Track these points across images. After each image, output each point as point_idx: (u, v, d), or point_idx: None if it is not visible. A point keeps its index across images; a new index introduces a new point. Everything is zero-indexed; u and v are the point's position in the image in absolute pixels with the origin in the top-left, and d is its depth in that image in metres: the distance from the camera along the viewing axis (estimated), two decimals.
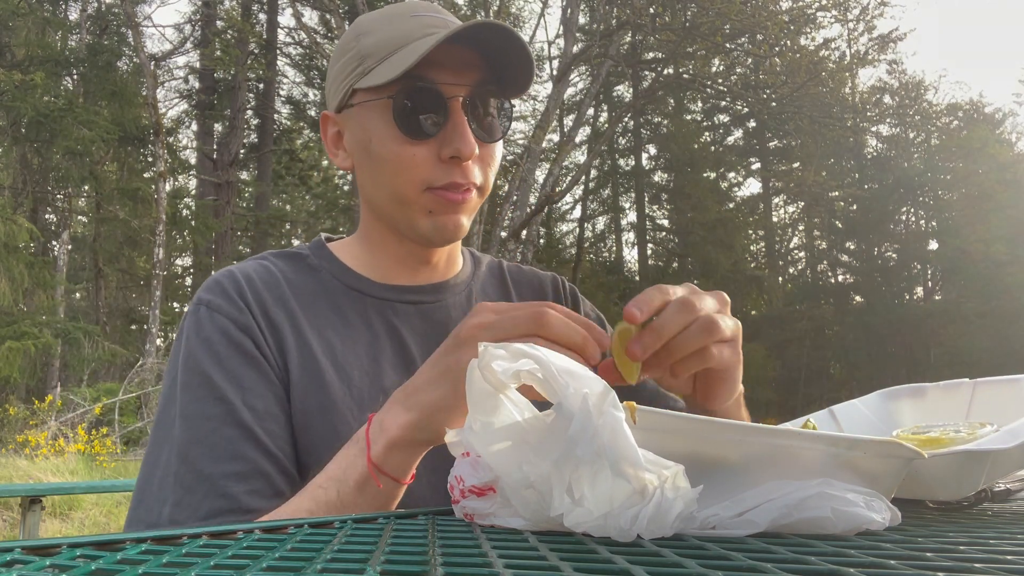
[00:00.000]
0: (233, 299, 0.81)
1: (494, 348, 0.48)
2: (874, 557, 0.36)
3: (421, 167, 0.79)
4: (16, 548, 0.37)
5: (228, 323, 0.79)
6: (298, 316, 0.83)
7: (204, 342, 0.78)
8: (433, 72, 0.78)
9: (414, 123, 0.79)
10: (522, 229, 11.44)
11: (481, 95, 0.81)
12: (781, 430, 0.47)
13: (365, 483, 0.66)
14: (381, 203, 0.85)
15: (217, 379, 0.76)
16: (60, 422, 9.01)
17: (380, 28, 0.82)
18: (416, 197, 0.81)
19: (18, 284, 10.54)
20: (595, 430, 0.41)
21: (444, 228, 0.82)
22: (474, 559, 0.36)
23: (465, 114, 0.79)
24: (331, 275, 0.87)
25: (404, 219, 0.83)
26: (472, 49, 0.80)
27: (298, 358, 0.80)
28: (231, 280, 0.83)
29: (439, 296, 0.90)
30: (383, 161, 0.81)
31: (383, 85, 0.78)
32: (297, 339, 0.81)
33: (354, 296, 0.86)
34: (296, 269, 0.87)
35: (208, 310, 0.80)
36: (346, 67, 0.83)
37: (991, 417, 0.70)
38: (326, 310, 0.84)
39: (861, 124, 16.07)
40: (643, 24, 11.86)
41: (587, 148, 19.47)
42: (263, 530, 0.47)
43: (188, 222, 15.67)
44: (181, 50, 16.82)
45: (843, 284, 22.77)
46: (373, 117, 0.81)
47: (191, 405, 0.77)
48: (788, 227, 23.81)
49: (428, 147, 0.79)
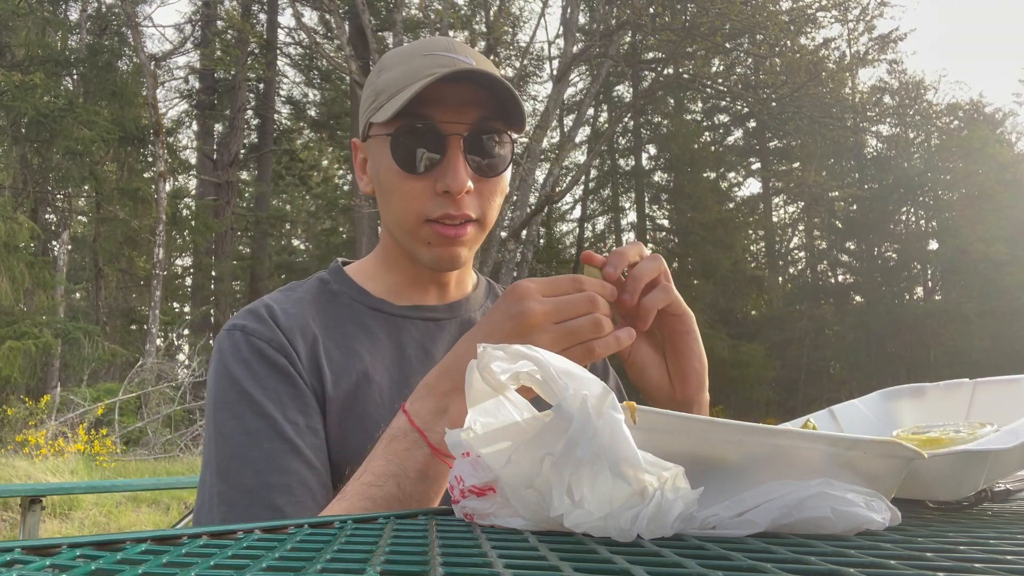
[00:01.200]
0: (266, 321, 0.85)
1: (493, 349, 0.48)
2: (874, 557, 0.36)
3: (418, 199, 0.84)
4: (16, 548, 0.37)
5: (263, 344, 0.83)
6: (327, 336, 0.86)
7: (242, 362, 0.81)
8: (432, 110, 0.82)
9: (411, 159, 0.83)
10: (522, 229, 11.45)
11: (480, 132, 0.84)
12: (781, 430, 0.47)
13: (427, 470, 0.68)
14: (391, 229, 0.90)
15: (257, 396, 0.79)
16: (60, 422, 9.02)
17: (396, 65, 0.87)
18: (416, 228, 0.85)
19: (18, 284, 10.55)
20: (594, 431, 0.41)
21: (441, 259, 0.87)
22: (474, 559, 0.36)
23: (462, 150, 0.83)
24: (351, 298, 0.92)
25: (408, 246, 0.88)
26: (475, 85, 0.83)
27: (331, 375, 0.84)
28: (263, 306, 0.87)
29: (454, 313, 0.95)
30: (387, 191, 0.86)
31: (388, 121, 0.83)
32: (328, 358, 0.85)
33: (377, 315, 0.91)
34: (319, 293, 0.92)
35: (243, 333, 0.83)
36: (366, 100, 0.89)
37: (991, 417, 0.70)
38: (353, 328, 0.88)
39: (861, 124, 16.07)
40: (643, 24, 11.86)
41: (587, 148, 19.47)
42: (263, 530, 0.47)
43: (188, 222, 15.67)
44: (181, 50, 16.85)
45: (843, 284, 22.77)
46: (381, 149, 0.86)
47: (228, 423, 0.79)
48: (788, 227, 23.82)
49: (425, 181, 0.84)
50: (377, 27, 14.42)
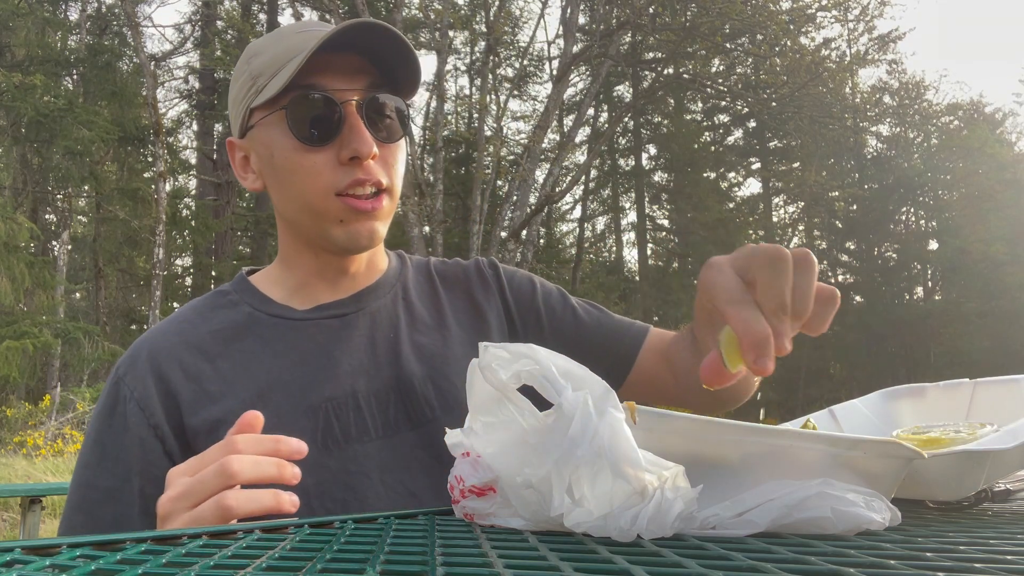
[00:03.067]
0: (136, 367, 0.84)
1: (495, 348, 0.48)
2: (874, 557, 0.36)
3: (323, 172, 0.80)
4: (16, 548, 0.37)
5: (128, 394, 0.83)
6: (215, 361, 0.83)
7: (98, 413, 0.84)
8: (324, 79, 0.79)
9: (310, 131, 0.80)
10: (522, 229, 11.44)
11: (374, 97, 0.81)
12: (781, 430, 0.47)
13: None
14: (294, 216, 0.85)
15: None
16: (60, 422, 9.01)
17: (269, 47, 0.84)
18: (326, 205, 0.81)
19: (18, 284, 10.54)
20: (595, 431, 0.41)
21: (359, 235, 0.82)
22: (474, 559, 0.36)
23: (360, 116, 0.80)
24: (252, 307, 0.88)
25: (317, 229, 0.83)
26: (360, 55, 0.81)
27: (205, 402, 0.81)
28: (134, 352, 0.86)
29: (361, 304, 0.90)
30: (287, 172, 0.81)
31: (275, 97, 0.79)
32: (204, 384, 0.82)
33: (277, 322, 0.87)
34: (215, 308, 0.89)
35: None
36: (241, 90, 0.85)
37: (991, 417, 0.70)
38: (251, 343, 0.85)
39: (861, 124, 16.06)
40: (643, 24, 11.86)
41: (587, 148, 19.45)
42: (263, 530, 0.47)
43: (188, 222, 15.66)
44: (181, 50, 16.83)
45: (843, 284, 22.73)
46: (272, 131, 0.82)
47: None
48: (788, 227, 23.79)
49: (327, 152, 0.80)
50: None
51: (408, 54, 0.81)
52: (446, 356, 0.88)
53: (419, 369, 0.86)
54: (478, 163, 12.09)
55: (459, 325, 0.93)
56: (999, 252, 17.57)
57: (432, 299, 0.95)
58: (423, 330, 0.90)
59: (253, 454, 0.61)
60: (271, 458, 0.62)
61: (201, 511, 0.59)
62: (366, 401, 0.83)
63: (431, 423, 0.84)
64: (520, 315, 0.97)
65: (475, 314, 0.95)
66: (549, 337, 0.96)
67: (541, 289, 1.00)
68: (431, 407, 0.84)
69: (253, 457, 0.61)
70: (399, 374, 0.85)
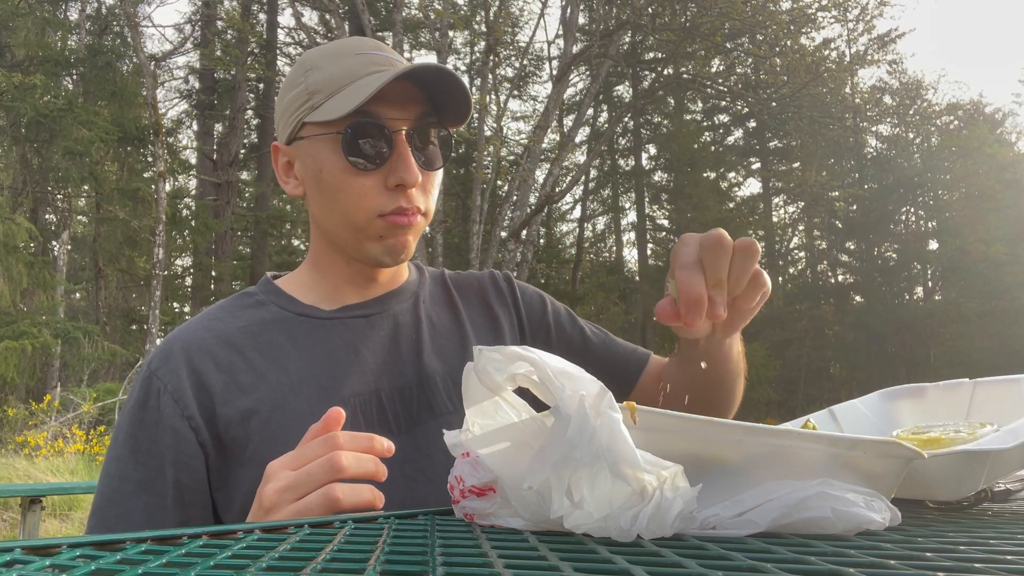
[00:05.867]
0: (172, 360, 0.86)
1: (489, 351, 0.48)
2: (874, 557, 0.36)
3: (370, 195, 0.85)
4: (16, 548, 0.37)
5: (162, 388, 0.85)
6: (245, 354, 0.86)
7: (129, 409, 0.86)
8: (378, 107, 0.83)
9: (362, 155, 0.84)
10: (522, 229, 11.44)
11: (422, 127, 0.86)
12: (781, 430, 0.47)
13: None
14: (332, 229, 0.89)
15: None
16: (60, 422, 9.01)
17: (326, 65, 0.87)
18: (368, 224, 0.86)
19: (17, 284, 10.54)
20: (593, 432, 0.41)
21: (394, 250, 0.87)
22: (474, 559, 0.36)
23: (408, 145, 0.84)
24: (279, 307, 0.91)
25: (355, 244, 0.88)
26: (413, 84, 0.85)
27: (240, 394, 0.83)
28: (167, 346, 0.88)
29: (385, 307, 0.94)
30: (335, 190, 0.86)
31: (333, 120, 0.83)
32: (237, 377, 0.85)
33: (304, 321, 0.90)
34: (243, 307, 0.92)
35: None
36: (295, 101, 0.88)
37: (991, 417, 0.70)
38: (280, 338, 0.88)
39: (861, 124, 16.06)
40: (643, 24, 11.86)
41: (587, 148, 19.46)
42: (263, 530, 0.47)
43: (188, 222, 15.65)
44: (181, 50, 16.82)
45: (843, 284, 22.75)
46: (323, 148, 0.86)
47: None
48: (788, 227, 23.79)
49: (375, 177, 0.85)
50: (377, 27, 14.41)
51: (459, 86, 0.85)
52: (465, 358, 0.91)
53: (441, 368, 0.91)
54: (478, 163, 12.08)
55: (476, 330, 0.98)
56: (999, 252, 17.57)
57: (450, 306, 1.00)
58: (443, 333, 0.95)
59: (353, 451, 0.64)
60: (370, 455, 0.65)
61: (308, 502, 0.62)
62: (388, 398, 0.87)
63: (452, 414, 0.88)
64: (531, 329, 1.03)
65: (491, 321, 1.00)
66: (557, 353, 0.98)
67: (551, 307, 1.06)
68: (452, 401, 0.89)
69: (356, 453, 0.64)
70: (421, 371, 0.89)
